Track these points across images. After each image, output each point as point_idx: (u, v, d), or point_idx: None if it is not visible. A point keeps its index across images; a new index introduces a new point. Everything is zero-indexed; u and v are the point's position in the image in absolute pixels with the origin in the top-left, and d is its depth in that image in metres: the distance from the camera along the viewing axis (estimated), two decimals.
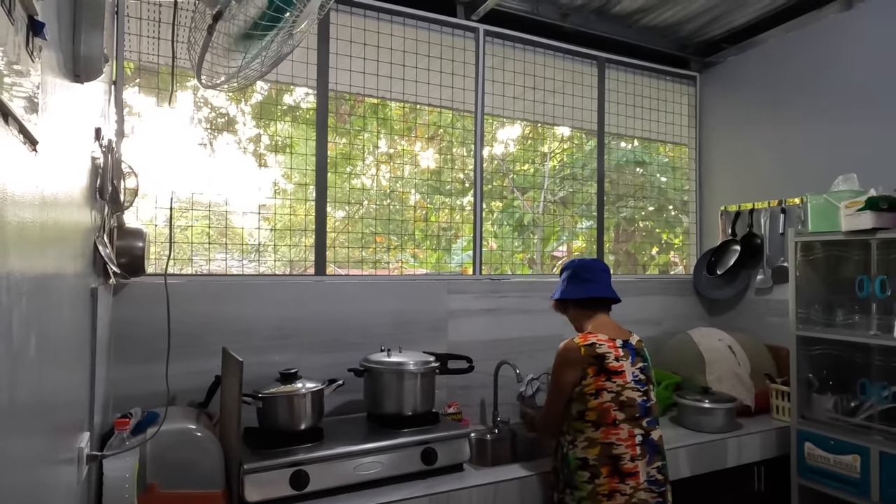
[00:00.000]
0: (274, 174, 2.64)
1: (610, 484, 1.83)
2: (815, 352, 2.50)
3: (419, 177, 2.80)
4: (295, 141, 2.53)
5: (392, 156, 2.78)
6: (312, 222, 2.44)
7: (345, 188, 2.58)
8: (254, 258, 2.43)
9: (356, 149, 2.64)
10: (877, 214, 2.18)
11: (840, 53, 2.73)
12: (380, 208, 2.73)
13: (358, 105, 2.73)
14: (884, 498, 2.15)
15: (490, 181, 3.03)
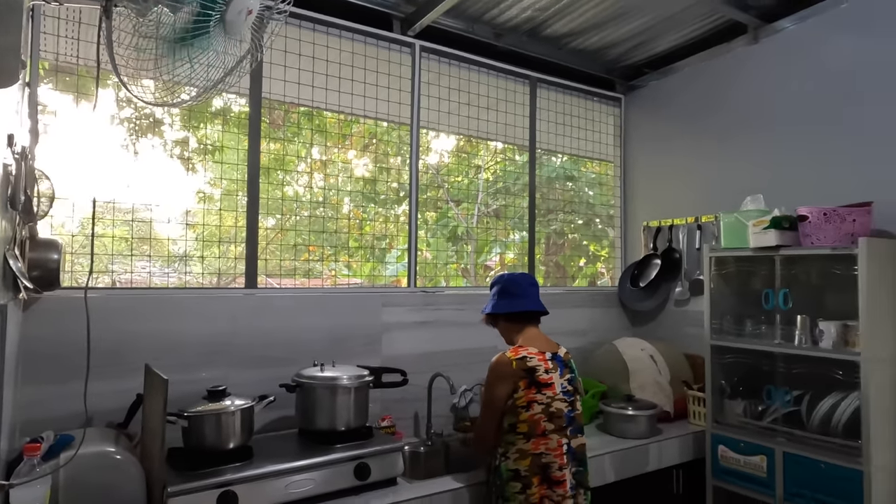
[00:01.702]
0: (202, 180, 2.55)
1: (540, 492, 1.88)
2: (727, 360, 2.67)
3: (353, 186, 2.79)
4: (225, 145, 2.46)
5: (325, 164, 2.76)
6: (242, 231, 2.38)
7: (276, 196, 2.53)
8: (178, 268, 2.33)
9: (289, 156, 2.60)
10: (780, 233, 2.37)
11: (747, 83, 2.95)
12: (312, 217, 2.69)
13: (291, 112, 2.69)
14: (787, 494, 2.33)
15: (424, 191, 3.05)
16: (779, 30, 2.84)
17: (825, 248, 2.26)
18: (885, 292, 2.22)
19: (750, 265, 2.68)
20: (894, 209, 2.33)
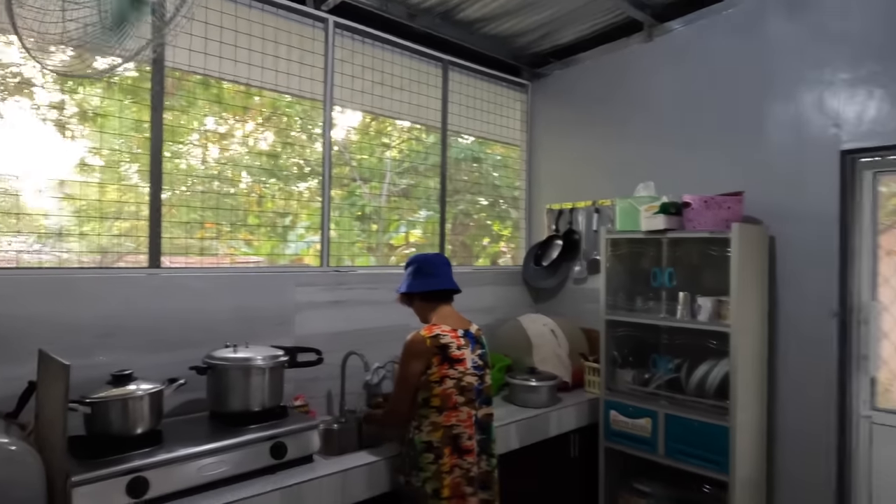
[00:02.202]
0: (81, 148, 2.33)
1: (451, 461, 1.99)
2: (620, 333, 2.92)
3: (253, 160, 2.70)
4: (107, 112, 2.27)
5: (224, 135, 2.64)
6: (129, 205, 2.23)
7: (167, 169, 2.35)
8: (54, 244, 2.14)
9: (182, 126, 2.45)
10: (668, 217, 2.62)
11: (642, 77, 3.19)
12: (208, 192, 2.55)
13: (185, 80, 2.52)
14: (667, 451, 2.61)
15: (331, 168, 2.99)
16: (670, 30, 3.08)
17: (704, 232, 2.53)
18: (752, 272, 2.53)
19: (641, 246, 2.93)
20: (761, 198, 2.64)
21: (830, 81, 2.52)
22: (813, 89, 2.57)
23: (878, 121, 2.40)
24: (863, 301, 2.51)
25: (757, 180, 2.67)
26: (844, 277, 2.51)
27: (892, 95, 2.36)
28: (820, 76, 2.55)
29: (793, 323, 2.61)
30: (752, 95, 2.75)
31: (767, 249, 2.64)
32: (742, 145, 2.77)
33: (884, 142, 2.40)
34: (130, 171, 2.32)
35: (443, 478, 1.97)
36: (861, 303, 2.51)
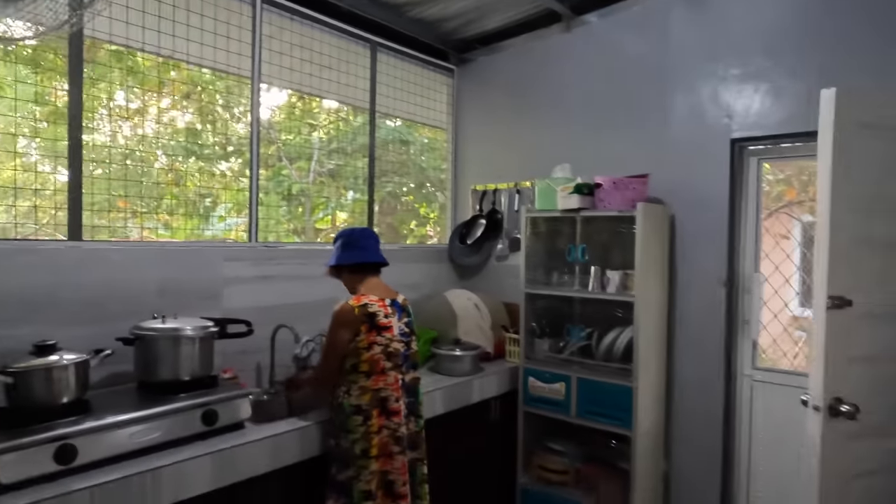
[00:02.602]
0: None
1: (379, 422, 2.11)
2: (538, 305, 3.13)
3: (172, 137, 2.65)
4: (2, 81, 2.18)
5: (139, 111, 2.58)
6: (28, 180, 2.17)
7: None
8: None
9: (93, 100, 2.37)
10: (581, 197, 2.83)
11: (561, 66, 3.38)
12: (122, 169, 2.47)
13: (97, 49, 2.42)
14: (579, 411, 2.85)
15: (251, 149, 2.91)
16: (587, 22, 3.28)
17: (614, 211, 2.76)
18: (654, 247, 2.79)
19: (557, 224, 3.14)
20: (663, 180, 2.90)
21: (724, 76, 2.81)
22: (708, 83, 2.85)
23: (762, 113, 2.70)
24: (747, 273, 2.83)
25: (660, 164, 2.93)
26: (732, 252, 2.82)
27: (774, 91, 2.67)
28: (714, 71, 2.83)
29: (688, 292, 2.90)
30: (656, 86, 3.00)
31: (668, 227, 2.92)
32: (647, 132, 3.02)
33: (767, 132, 2.70)
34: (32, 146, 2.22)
35: (371, 438, 2.08)
36: (745, 274, 2.83)
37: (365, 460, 2.06)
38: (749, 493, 2.80)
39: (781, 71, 2.64)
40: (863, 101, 1.90)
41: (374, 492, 2.06)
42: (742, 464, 2.82)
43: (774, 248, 2.93)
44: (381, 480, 2.10)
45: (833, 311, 1.84)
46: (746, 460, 2.81)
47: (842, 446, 1.85)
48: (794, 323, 3.15)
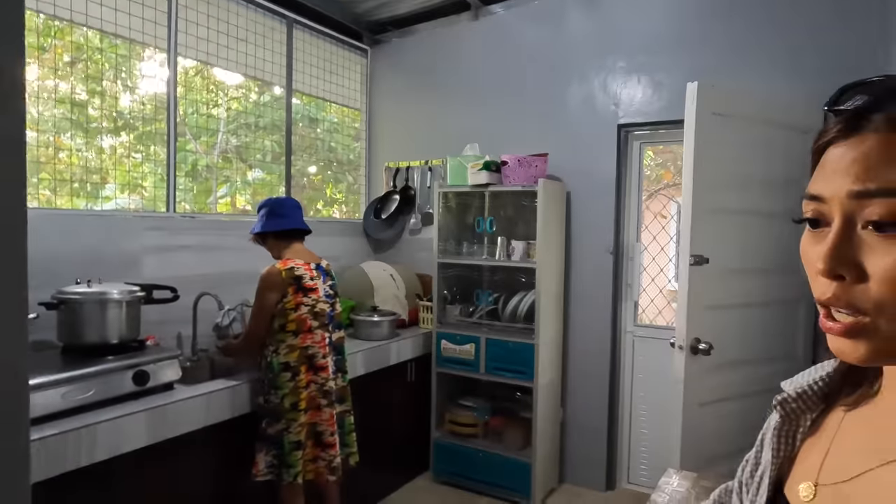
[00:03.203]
0: None
1: (307, 378, 2.26)
2: (450, 274, 3.38)
3: (54, 109, 2.54)
4: None
5: None
6: None
7: None
8: None
9: None
10: (489, 173, 3.10)
11: (470, 51, 3.62)
12: None
13: None
14: (487, 369, 3.14)
15: (149, 123, 2.82)
16: (493, 12, 3.54)
17: (518, 186, 3.05)
18: (553, 219, 3.12)
19: (468, 199, 3.40)
20: (561, 159, 3.23)
21: (612, 68, 3.17)
22: (599, 73, 3.20)
23: (643, 102, 3.10)
24: (630, 243, 3.24)
25: (558, 145, 3.26)
26: (618, 224, 3.21)
27: (654, 83, 3.06)
28: (604, 63, 3.19)
29: (581, 260, 3.27)
30: (555, 74, 3.32)
31: (565, 201, 3.26)
32: (547, 115, 3.34)
33: (648, 119, 3.10)
34: None
35: (300, 392, 2.23)
36: (629, 244, 3.25)
37: (294, 413, 2.21)
38: (631, 431, 3.25)
39: (659, 66, 3.04)
40: (718, 93, 2.29)
41: (303, 442, 2.22)
42: (625, 406, 3.26)
43: (653, 223, 3.37)
44: (310, 431, 2.27)
45: (694, 268, 2.23)
46: (629, 403, 3.25)
47: (700, 378, 2.26)
48: (669, 295, 3.63)
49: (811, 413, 0.60)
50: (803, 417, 0.60)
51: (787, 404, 0.60)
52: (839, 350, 0.48)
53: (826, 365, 0.61)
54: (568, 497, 3.19)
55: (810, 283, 0.50)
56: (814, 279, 0.49)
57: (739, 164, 2.36)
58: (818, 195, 0.49)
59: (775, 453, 0.60)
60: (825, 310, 0.48)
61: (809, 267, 0.50)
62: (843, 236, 0.46)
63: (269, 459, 2.21)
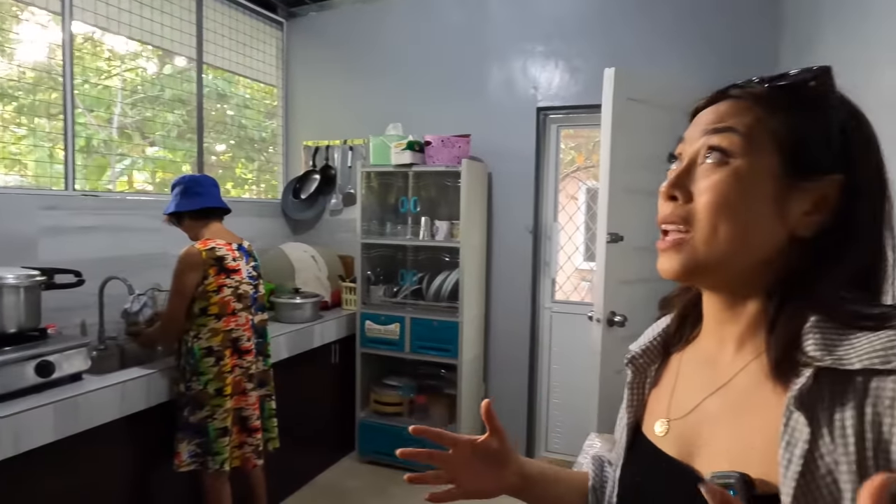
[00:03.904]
0: None
1: (231, 362, 2.19)
2: (374, 254, 3.36)
3: None
4: None
5: None
6: None
7: None
8: None
9: None
10: (413, 153, 3.10)
11: (392, 29, 3.58)
12: None
13: None
14: (412, 347, 3.17)
15: (33, 92, 2.57)
16: None
17: (441, 166, 3.07)
18: (476, 199, 3.17)
19: (391, 179, 3.39)
20: (483, 141, 3.29)
21: (531, 52, 3.25)
22: (519, 58, 3.28)
23: (560, 86, 3.21)
24: (548, 222, 3.37)
25: (480, 126, 3.31)
26: (537, 205, 3.32)
27: (571, 69, 3.18)
28: (524, 47, 3.26)
29: (502, 239, 3.36)
30: (477, 57, 3.36)
31: (487, 182, 3.33)
32: (470, 96, 3.38)
33: (565, 103, 3.21)
34: None
35: (225, 377, 2.15)
36: (546, 224, 3.37)
37: (220, 399, 2.13)
38: (549, 401, 3.41)
39: (575, 51, 3.15)
40: (633, 80, 2.42)
41: (229, 428, 2.15)
42: (543, 379, 3.41)
43: (567, 204, 3.51)
44: (236, 417, 2.20)
45: (610, 245, 2.36)
46: (546, 376, 3.41)
47: (615, 347, 2.41)
48: (579, 273, 3.82)
49: (654, 364, 0.71)
50: (649, 369, 0.71)
51: (636, 360, 0.71)
52: (662, 267, 0.59)
53: (661, 322, 0.73)
54: None
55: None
56: (660, 207, 0.61)
57: (651, 146, 2.49)
58: (683, 137, 0.61)
59: (629, 403, 0.71)
60: (663, 234, 0.60)
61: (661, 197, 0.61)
62: (686, 169, 0.59)
63: (193, 449, 2.12)
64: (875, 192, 0.55)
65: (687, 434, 0.60)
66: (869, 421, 0.46)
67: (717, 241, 0.55)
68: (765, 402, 0.53)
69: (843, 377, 0.48)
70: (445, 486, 0.77)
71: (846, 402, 0.47)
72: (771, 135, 0.55)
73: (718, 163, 0.56)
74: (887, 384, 0.45)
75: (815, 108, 0.55)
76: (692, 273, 0.58)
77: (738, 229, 0.55)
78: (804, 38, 2.37)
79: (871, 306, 0.51)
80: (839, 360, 0.48)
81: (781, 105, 0.55)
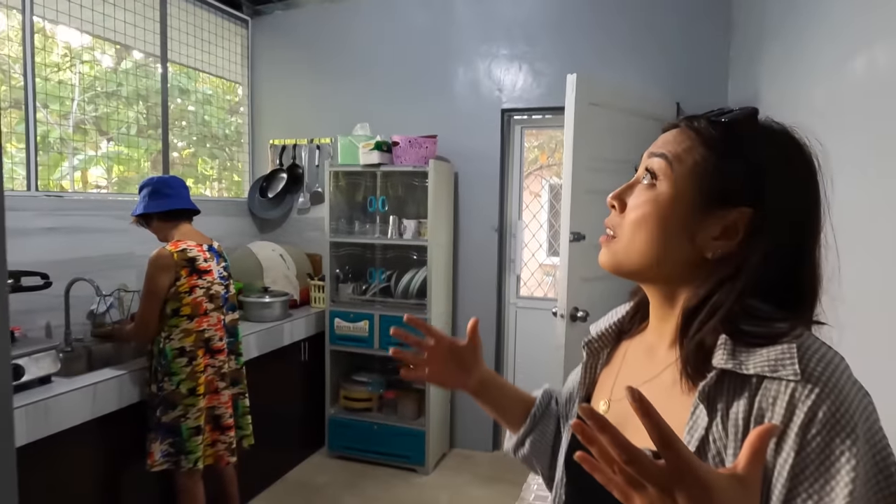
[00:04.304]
0: None
1: (204, 362, 2.21)
2: (342, 253, 3.41)
3: None
4: None
5: None
6: None
7: None
8: None
9: None
10: (381, 153, 3.15)
11: (359, 30, 3.61)
12: None
13: None
14: (381, 344, 3.23)
15: None
16: None
17: (409, 166, 3.14)
18: (442, 198, 3.25)
19: (359, 178, 3.43)
20: (449, 141, 3.36)
21: (496, 55, 3.34)
22: (484, 60, 3.36)
23: (524, 89, 3.31)
24: (512, 221, 3.48)
25: (446, 127, 3.38)
26: (502, 203, 3.42)
27: (534, 72, 3.27)
28: (489, 50, 3.34)
29: (469, 237, 3.44)
30: (443, 59, 3.43)
31: (453, 182, 3.41)
32: (437, 98, 3.45)
33: (529, 105, 3.31)
34: None
35: (198, 377, 2.17)
36: (511, 222, 3.47)
37: (193, 398, 2.15)
38: None
39: (538, 55, 3.25)
40: (593, 84, 2.53)
41: (202, 427, 2.18)
42: (509, 372, 3.52)
43: (531, 202, 3.62)
44: (209, 415, 2.22)
45: (573, 244, 2.47)
46: (512, 369, 3.52)
47: (578, 342, 2.51)
48: (542, 269, 3.94)
49: (607, 348, 0.80)
50: (602, 352, 0.80)
51: (592, 344, 0.80)
52: (599, 259, 0.70)
53: (619, 310, 0.81)
54: (458, 460, 3.40)
55: None
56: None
57: (611, 149, 2.63)
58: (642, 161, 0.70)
59: (582, 381, 0.81)
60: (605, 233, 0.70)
61: None
62: (630, 184, 0.69)
63: (165, 448, 2.14)
64: (793, 222, 0.62)
65: (622, 415, 0.69)
66: (755, 415, 0.56)
67: (633, 250, 0.66)
68: (679, 396, 0.63)
69: (742, 380, 0.58)
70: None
71: (741, 399, 0.57)
72: (694, 166, 0.63)
73: (649, 185, 0.66)
74: (773, 386, 0.56)
75: (735, 147, 0.63)
76: (616, 270, 0.69)
77: (650, 244, 0.64)
78: (754, 46, 2.52)
79: (768, 323, 0.59)
80: (739, 364, 0.58)
81: (708, 142, 0.64)
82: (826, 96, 1.61)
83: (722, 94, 2.89)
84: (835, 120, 1.50)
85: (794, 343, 0.57)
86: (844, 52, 1.47)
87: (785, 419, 0.54)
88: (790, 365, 0.55)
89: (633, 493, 0.47)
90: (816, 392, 0.54)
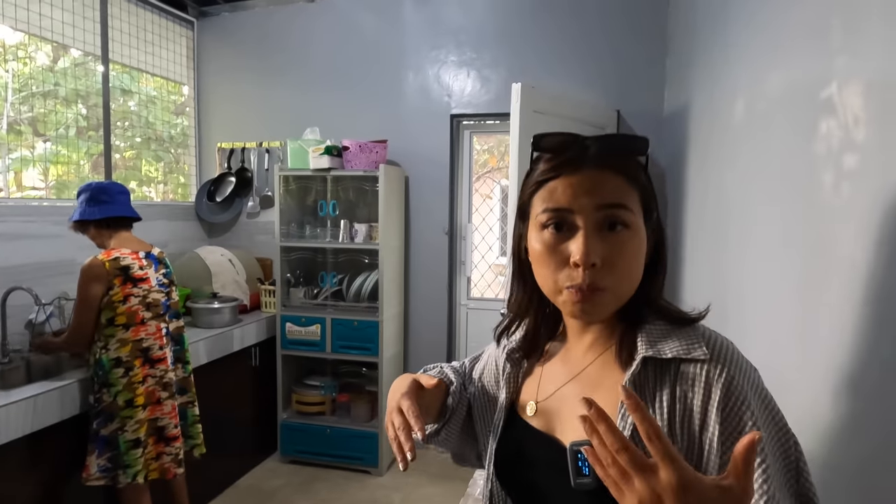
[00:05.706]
0: None
1: (143, 372, 2.17)
2: (293, 257, 3.40)
3: None
4: None
5: None
6: None
7: None
8: None
9: None
10: (331, 157, 3.16)
11: (308, 33, 3.60)
12: None
13: None
14: (334, 347, 3.24)
15: None
16: None
17: (360, 171, 3.16)
18: (394, 202, 3.28)
19: (309, 182, 3.43)
20: (400, 146, 3.40)
21: (444, 61, 3.40)
22: (433, 66, 3.41)
23: (472, 95, 3.38)
24: (463, 224, 3.54)
25: (396, 131, 3.42)
26: (452, 207, 3.48)
27: (482, 78, 3.35)
28: (438, 56, 3.40)
29: (420, 240, 3.49)
30: (393, 64, 3.46)
31: (404, 186, 3.45)
32: (386, 102, 3.48)
33: (477, 110, 3.38)
34: None
35: (136, 388, 2.14)
36: (462, 225, 3.54)
37: (130, 410, 2.12)
38: None
39: (485, 62, 3.33)
40: (537, 94, 2.62)
41: (142, 439, 2.14)
42: None
43: (481, 204, 3.70)
44: (151, 427, 2.19)
45: None
46: None
47: None
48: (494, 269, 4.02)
49: (525, 359, 0.85)
50: (523, 362, 0.86)
51: (511, 356, 0.85)
52: (590, 315, 0.69)
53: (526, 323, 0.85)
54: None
55: (551, 276, 0.70)
56: (559, 270, 0.68)
57: None
58: (567, 208, 0.68)
59: (507, 390, 0.84)
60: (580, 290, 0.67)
61: (558, 259, 0.69)
62: (591, 238, 0.66)
63: (103, 463, 2.09)
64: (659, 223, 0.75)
65: (550, 413, 0.77)
66: (679, 397, 0.65)
67: (623, 295, 0.69)
68: (609, 386, 0.71)
69: (663, 365, 0.67)
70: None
71: (664, 383, 0.66)
72: (638, 201, 0.70)
73: (621, 233, 0.67)
74: (689, 368, 0.65)
75: (644, 171, 0.73)
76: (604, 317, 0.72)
77: (634, 283, 0.70)
78: (686, 58, 2.66)
79: (675, 312, 0.71)
80: (658, 351, 0.67)
81: (636, 175, 0.71)
82: (744, 108, 1.73)
83: (659, 102, 3.03)
84: (748, 129, 1.62)
85: (695, 330, 0.68)
86: (757, 70, 1.60)
87: (704, 398, 0.63)
88: (699, 347, 0.66)
89: (623, 486, 0.53)
90: (726, 371, 0.64)
